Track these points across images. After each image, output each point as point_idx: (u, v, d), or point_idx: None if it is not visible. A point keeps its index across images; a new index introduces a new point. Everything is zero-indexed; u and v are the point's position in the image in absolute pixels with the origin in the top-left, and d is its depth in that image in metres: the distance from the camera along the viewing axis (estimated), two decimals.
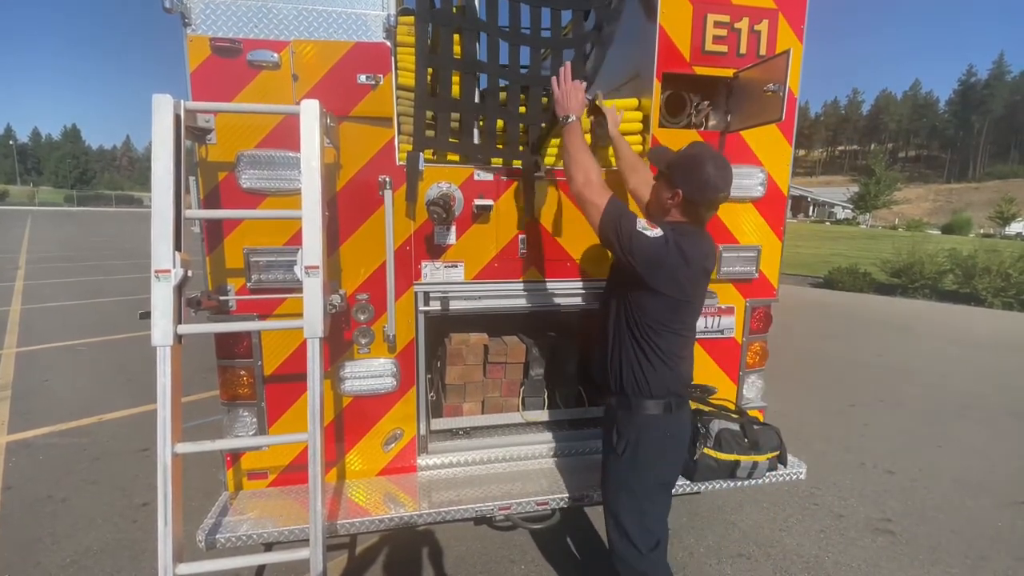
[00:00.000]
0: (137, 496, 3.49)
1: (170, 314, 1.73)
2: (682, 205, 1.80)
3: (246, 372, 2.19)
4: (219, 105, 1.98)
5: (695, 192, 1.77)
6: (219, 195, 2.07)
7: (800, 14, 2.45)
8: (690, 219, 1.83)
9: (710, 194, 1.77)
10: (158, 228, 1.72)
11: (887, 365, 7.12)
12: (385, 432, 2.41)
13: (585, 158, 1.91)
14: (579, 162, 1.91)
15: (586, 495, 2.34)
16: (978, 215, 59.58)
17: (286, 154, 2.07)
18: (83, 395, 5.22)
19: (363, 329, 2.29)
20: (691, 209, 1.81)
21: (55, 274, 12.95)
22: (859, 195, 56.22)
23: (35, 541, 3.03)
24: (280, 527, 2.05)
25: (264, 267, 2.12)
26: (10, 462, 3.91)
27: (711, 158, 1.77)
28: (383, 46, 2.11)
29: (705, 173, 1.74)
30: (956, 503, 3.74)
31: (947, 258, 14.22)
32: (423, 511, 2.19)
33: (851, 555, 3.12)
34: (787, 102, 2.12)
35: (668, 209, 1.84)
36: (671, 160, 1.86)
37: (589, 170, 1.88)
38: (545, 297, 2.51)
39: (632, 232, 1.73)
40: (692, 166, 1.77)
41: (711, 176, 1.74)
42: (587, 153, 1.94)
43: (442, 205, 2.14)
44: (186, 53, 1.97)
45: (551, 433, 2.75)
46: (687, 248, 1.75)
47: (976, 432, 5.01)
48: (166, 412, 1.74)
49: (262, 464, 2.29)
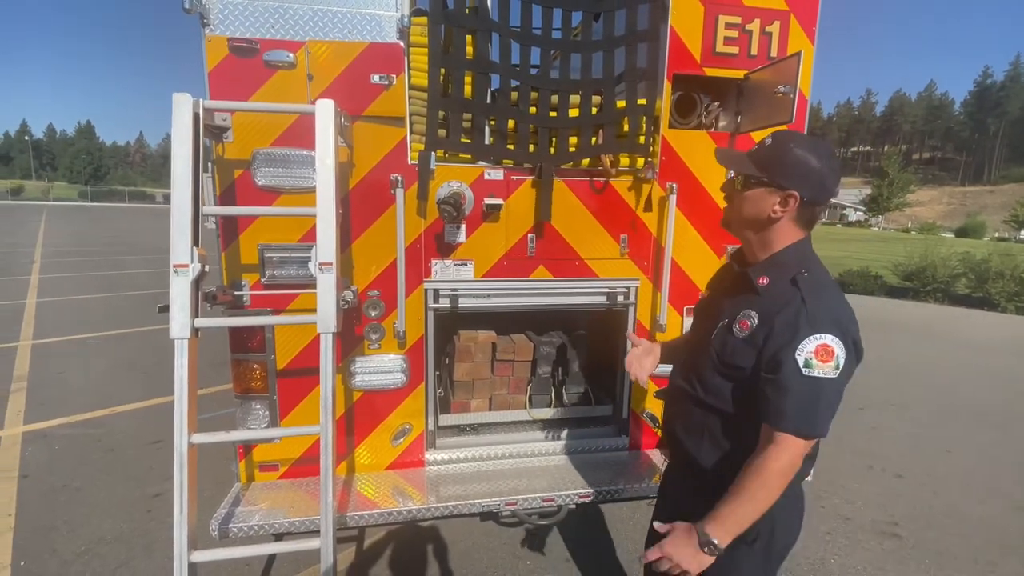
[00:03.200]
0: (150, 487, 3.55)
1: (188, 308, 1.77)
2: (798, 212, 1.37)
3: (259, 366, 2.24)
4: (236, 104, 2.02)
5: (817, 192, 1.35)
6: (235, 192, 2.11)
7: (812, 16, 2.45)
8: (805, 226, 1.42)
9: (831, 188, 1.37)
10: (177, 223, 1.76)
11: (897, 368, 7.06)
12: (394, 427, 2.44)
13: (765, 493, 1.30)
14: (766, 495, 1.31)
15: (592, 493, 2.36)
16: (993, 218, 58.79)
17: (300, 152, 2.10)
18: (97, 387, 5.31)
19: (374, 325, 2.32)
20: (809, 217, 1.40)
21: (69, 268, 13.13)
22: (872, 197, 55.67)
23: (51, 529, 3.10)
24: (291, 518, 2.09)
25: (278, 263, 2.16)
26: (27, 451, 4.00)
27: (813, 145, 1.37)
28: (396, 47, 2.14)
29: (823, 164, 1.34)
30: (965, 508, 3.72)
31: (960, 262, 14.04)
32: (431, 505, 2.23)
33: (857, 558, 3.12)
34: (798, 104, 2.13)
35: (775, 220, 1.38)
36: (766, 157, 1.39)
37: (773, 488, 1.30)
38: (553, 296, 2.53)
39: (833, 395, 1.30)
40: (804, 159, 1.34)
41: (828, 167, 1.34)
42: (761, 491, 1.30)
43: (453, 204, 2.17)
44: (204, 53, 2.02)
45: (558, 431, 2.77)
46: (856, 334, 1.33)
47: (987, 437, 4.97)
48: (183, 403, 1.79)
49: (273, 456, 2.34)
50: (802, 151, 1.35)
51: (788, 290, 1.34)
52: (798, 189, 1.33)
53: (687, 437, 1.54)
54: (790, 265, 1.38)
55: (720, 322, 1.46)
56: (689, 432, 1.54)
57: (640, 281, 2.56)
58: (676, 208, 2.45)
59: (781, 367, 1.27)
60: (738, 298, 1.46)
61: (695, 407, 1.50)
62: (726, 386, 1.42)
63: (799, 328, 1.27)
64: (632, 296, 2.56)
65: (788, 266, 1.38)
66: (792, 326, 1.28)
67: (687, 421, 1.54)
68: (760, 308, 1.37)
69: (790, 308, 1.31)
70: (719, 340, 1.43)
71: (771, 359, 1.30)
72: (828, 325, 1.27)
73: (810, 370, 1.25)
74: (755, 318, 1.36)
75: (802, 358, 1.25)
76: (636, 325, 2.58)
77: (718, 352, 1.42)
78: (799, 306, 1.30)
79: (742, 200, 1.43)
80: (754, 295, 1.41)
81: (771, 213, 1.38)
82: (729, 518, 1.29)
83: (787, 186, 1.34)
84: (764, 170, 1.37)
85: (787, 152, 1.36)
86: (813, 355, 1.25)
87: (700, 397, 1.48)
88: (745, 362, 1.36)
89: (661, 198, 2.47)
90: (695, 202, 2.51)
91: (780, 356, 1.28)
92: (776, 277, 1.38)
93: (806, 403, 1.27)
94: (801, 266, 1.37)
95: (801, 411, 1.26)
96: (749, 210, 1.42)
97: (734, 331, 1.40)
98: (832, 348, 1.26)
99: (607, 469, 2.54)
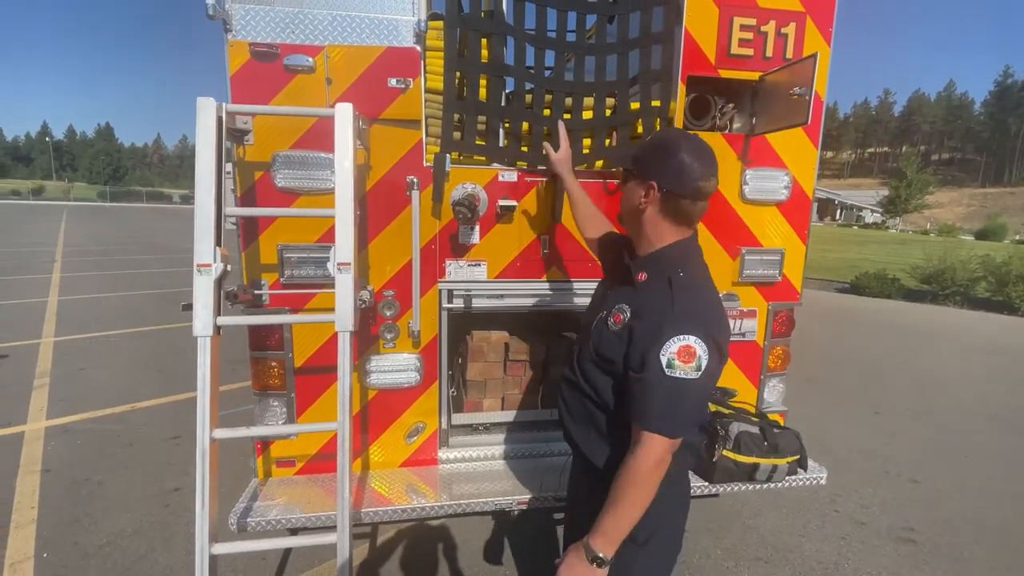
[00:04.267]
0: (169, 481, 3.63)
1: (211, 306, 1.82)
2: (660, 203, 1.40)
3: (277, 364, 2.28)
4: (258, 108, 2.06)
5: (674, 182, 1.37)
6: (255, 193, 2.16)
7: (828, 17, 2.43)
8: (677, 221, 1.42)
9: (691, 181, 1.36)
10: (201, 224, 1.81)
11: (914, 373, 6.96)
12: (408, 425, 2.47)
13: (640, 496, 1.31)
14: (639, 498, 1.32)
15: None
16: (1014, 220, 57.54)
17: (319, 155, 2.14)
18: (117, 383, 5.42)
19: (389, 325, 2.36)
20: (673, 207, 1.40)
21: (89, 267, 13.40)
22: (889, 199, 54.77)
23: (73, 522, 3.17)
24: (307, 513, 2.12)
25: (296, 263, 2.21)
26: (49, 445, 4.09)
27: (683, 139, 1.42)
28: (413, 51, 2.17)
29: (680, 156, 1.36)
30: (982, 514, 3.66)
31: (980, 265, 13.78)
32: (443, 503, 2.25)
33: (872, 563, 3.09)
34: (813, 105, 2.11)
35: (643, 212, 1.43)
36: (636, 152, 1.49)
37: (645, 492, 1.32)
38: (566, 297, 2.54)
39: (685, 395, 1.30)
40: (663, 151, 1.40)
41: (687, 160, 1.36)
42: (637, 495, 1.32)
43: (467, 205, 2.19)
44: (226, 57, 2.06)
45: None
46: (722, 339, 1.35)
47: (1005, 443, 4.88)
48: (205, 399, 1.83)
49: (290, 453, 2.38)
50: (667, 143, 1.42)
51: (661, 289, 1.36)
52: (656, 179, 1.39)
53: (575, 427, 1.57)
54: (668, 264, 1.40)
55: (600, 313, 1.50)
56: (576, 422, 1.57)
57: None
58: None
59: (645, 366, 1.29)
60: (619, 290, 1.50)
61: (582, 397, 1.53)
62: (604, 380, 1.45)
63: (663, 328, 1.29)
64: None
65: (666, 265, 1.40)
66: (657, 326, 1.30)
67: (574, 410, 1.57)
68: (633, 303, 1.40)
69: (659, 307, 1.33)
70: (596, 331, 1.47)
71: (638, 357, 1.32)
72: (691, 326, 1.29)
73: (672, 370, 1.26)
74: (627, 313, 1.40)
75: (665, 358, 1.27)
76: None
77: (595, 344, 1.46)
78: (667, 306, 1.32)
79: (623, 193, 1.54)
80: (631, 289, 1.44)
81: (639, 204, 1.44)
82: (611, 529, 1.31)
83: (647, 177, 1.41)
84: (635, 162, 1.47)
85: (653, 146, 1.46)
86: (676, 356, 1.27)
87: (583, 387, 1.51)
88: (615, 355, 1.38)
89: None
90: (709, 203, 2.51)
91: (646, 355, 1.30)
92: (654, 274, 1.40)
93: (669, 403, 1.29)
94: (678, 266, 1.39)
95: (664, 411, 1.29)
96: (625, 203, 1.52)
97: (608, 324, 1.43)
98: (694, 349, 1.27)
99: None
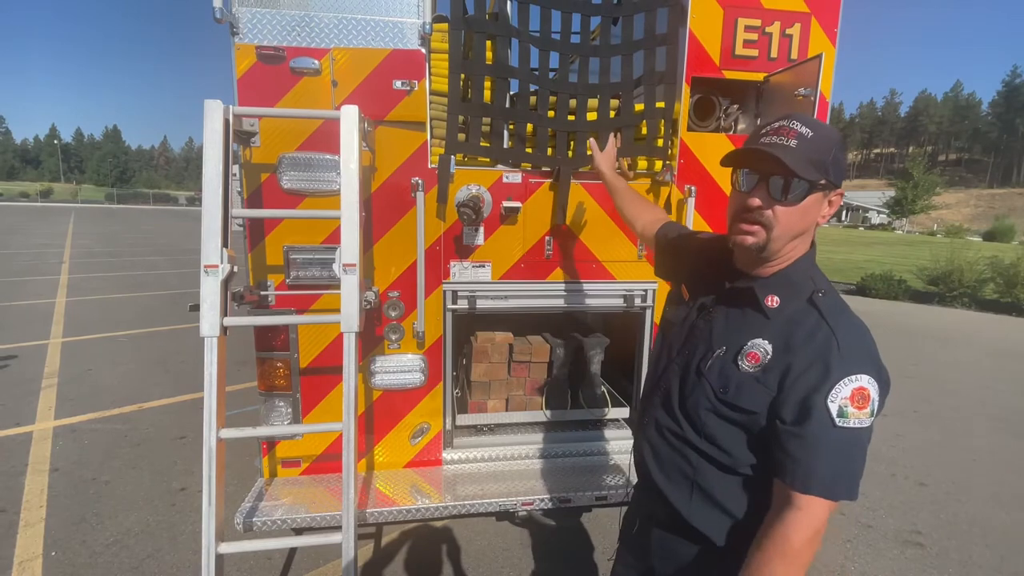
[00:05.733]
0: (175, 481, 3.65)
1: (218, 307, 1.83)
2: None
3: (283, 364, 2.29)
4: (265, 110, 2.08)
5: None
6: (261, 195, 2.17)
7: (834, 17, 2.43)
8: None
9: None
10: (208, 225, 1.82)
11: (922, 375, 6.91)
12: (412, 425, 2.48)
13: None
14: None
15: (608, 495, 2.36)
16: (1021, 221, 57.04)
17: (324, 157, 2.16)
18: (124, 384, 5.46)
19: (393, 325, 2.37)
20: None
21: (97, 268, 13.50)
22: (896, 200, 54.44)
23: (81, 521, 3.20)
24: (312, 513, 2.13)
25: (302, 264, 2.22)
26: (57, 445, 4.13)
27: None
28: (418, 53, 2.18)
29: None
30: (990, 517, 3.64)
31: (988, 266, 13.65)
32: (448, 503, 2.26)
33: (878, 566, 3.07)
34: (819, 106, 2.11)
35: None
36: (822, 157, 1.07)
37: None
38: (570, 298, 2.54)
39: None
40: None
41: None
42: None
43: (472, 207, 2.20)
44: (233, 60, 2.08)
45: (574, 432, 2.78)
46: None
47: (1013, 446, 4.84)
48: (212, 399, 1.85)
49: (295, 453, 2.39)
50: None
51: (806, 314, 1.10)
52: (840, 181, 1.10)
53: (669, 486, 1.27)
54: (801, 281, 1.14)
55: (715, 350, 1.19)
56: (671, 480, 1.27)
57: (658, 284, 2.56)
58: (695, 211, 2.45)
59: (810, 417, 1.03)
60: (737, 319, 1.20)
61: (688, 450, 1.23)
62: (734, 434, 1.16)
63: (831, 368, 1.03)
64: (649, 299, 2.56)
65: (799, 283, 1.14)
66: (823, 365, 1.04)
67: (670, 466, 1.27)
68: (773, 337, 1.12)
69: (815, 341, 1.07)
70: (717, 374, 1.17)
71: (795, 406, 1.05)
72: (863, 363, 1.04)
73: (845, 420, 1.02)
74: (768, 350, 1.11)
75: (835, 405, 1.02)
76: (653, 328, 2.58)
77: (717, 390, 1.16)
78: (827, 338, 1.06)
79: (791, 214, 1.09)
80: (762, 318, 1.15)
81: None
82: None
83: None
84: (823, 171, 1.07)
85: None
86: (849, 401, 1.02)
87: (692, 440, 1.21)
88: (756, 405, 1.11)
89: (679, 201, 2.48)
90: (714, 205, 2.51)
91: (808, 403, 1.04)
92: (787, 297, 1.14)
93: (841, 460, 1.03)
94: (813, 282, 1.14)
95: (835, 471, 1.03)
96: (800, 223, 1.11)
97: (740, 365, 1.14)
98: (868, 392, 1.03)
99: (624, 471, 2.55)
